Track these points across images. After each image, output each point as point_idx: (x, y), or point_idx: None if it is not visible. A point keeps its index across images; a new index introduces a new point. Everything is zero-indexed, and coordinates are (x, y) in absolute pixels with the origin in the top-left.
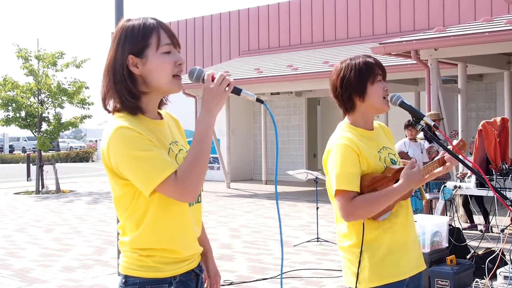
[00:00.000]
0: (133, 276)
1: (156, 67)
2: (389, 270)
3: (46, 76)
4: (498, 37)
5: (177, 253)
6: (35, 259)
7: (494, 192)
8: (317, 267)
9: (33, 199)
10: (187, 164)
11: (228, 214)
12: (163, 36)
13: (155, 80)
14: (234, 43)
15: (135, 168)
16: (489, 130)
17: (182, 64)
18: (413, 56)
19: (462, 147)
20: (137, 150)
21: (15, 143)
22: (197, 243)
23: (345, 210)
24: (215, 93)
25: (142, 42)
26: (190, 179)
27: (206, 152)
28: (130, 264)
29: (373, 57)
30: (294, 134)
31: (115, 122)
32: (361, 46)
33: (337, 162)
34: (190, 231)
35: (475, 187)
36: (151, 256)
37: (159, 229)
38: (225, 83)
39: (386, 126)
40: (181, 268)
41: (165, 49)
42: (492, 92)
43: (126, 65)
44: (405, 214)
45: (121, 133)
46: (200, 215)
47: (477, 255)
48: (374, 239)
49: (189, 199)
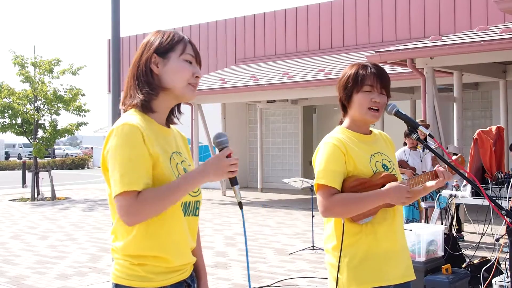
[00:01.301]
0: (123, 285)
1: (175, 70)
2: (368, 275)
3: (42, 83)
4: (493, 46)
5: (169, 262)
6: (30, 266)
7: (489, 202)
8: (312, 276)
9: (28, 206)
10: (154, 194)
11: (223, 222)
12: (189, 48)
13: (171, 82)
14: (230, 50)
15: (116, 164)
16: (484, 139)
17: (199, 78)
18: (409, 64)
19: (460, 163)
20: (129, 149)
21: (11, 150)
22: (190, 253)
23: (323, 205)
24: (220, 169)
25: (169, 44)
26: (146, 208)
27: (177, 197)
28: (121, 273)
29: (375, 67)
30: (289, 142)
31: (125, 117)
32: (357, 54)
33: (322, 159)
34: (183, 240)
35: (471, 196)
36: (143, 265)
37: (152, 234)
38: (231, 168)
39: (387, 135)
40: (172, 279)
41: (188, 58)
42: (487, 100)
43: (149, 62)
44: (391, 222)
45: (124, 128)
46: (196, 228)
47: (473, 264)
48: (354, 243)
49: (129, 223)
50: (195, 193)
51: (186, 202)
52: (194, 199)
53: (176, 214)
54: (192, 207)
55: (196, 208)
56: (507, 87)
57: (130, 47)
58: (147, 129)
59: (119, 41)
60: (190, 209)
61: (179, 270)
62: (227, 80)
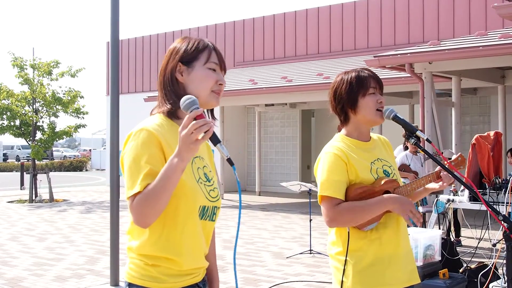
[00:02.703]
0: (136, 285)
1: (199, 78)
2: (373, 280)
3: (41, 85)
4: (492, 51)
5: (182, 265)
6: (27, 268)
7: (487, 207)
8: (310, 279)
9: (26, 207)
10: (147, 194)
11: (221, 225)
12: (213, 56)
13: (195, 90)
14: (229, 54)
15: (127, 170)
16: (482, 144)
17: (223, 85)
18: (408, 69)
19: (460, 162)
20: (140, 154)
21: (9, 152)
22: (203, 257)
23: (328, 215)
24: (184, 141)
25: (193, 53)
26: (144, 209)
27: (168, 191)
28: (135, 272)
29: (369, 70)
30: (288, 146)
31: (146, 121)
32: (356, 58)
33: (324, 169)
34: (197, 244)
35: (468, 201)
36: (156, 266)
37: (166, 236)
38: (197, 133)
39: (386, 139)
40: (184, 282)
41: (212, 66)
42: (486, 106)
43: (174, 70)
44: (395, 226)
45: (140, 133)
46: (211, 233)
47: (470, 269)
48: (359, 248)
49: (140, 225)
50: (214, 198)
51: (205, 207)
52: (212, 204)
53: (192, 217)
54: (209, 212)
55: (213, 214)
56: (506, 92)
57: (129, 49)
58: (169, 133)
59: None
60: (207, 214)
61: (191, 274)
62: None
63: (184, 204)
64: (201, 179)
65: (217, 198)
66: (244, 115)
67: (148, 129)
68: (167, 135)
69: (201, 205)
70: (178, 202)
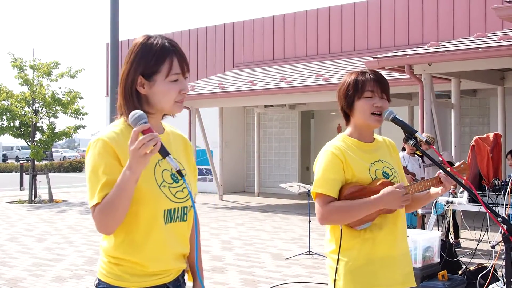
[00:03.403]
0: (102, 281)
1: (162, 93)
2: (365, 280)
3: (41, 85)
4: (491, 53)
5: (145, 266)
6: (26, 269)
7: (486, 209)
8: (309, 281)
9: (25, 208)
10: (105, 205)
11: (220, 226)
12: (175, 65)
13: (158, 103)
14: (228, 55)
15: (87, 181)
16: (482, 146)
17: (186, 92)
18: (407, 70)
19: (463, 170)
20: (96, 166)
21: (9, 152)
22: (175, 260)
23: (320, 213)
24: (133, 155)
25: (154, 67)
26: (104, 219)
27: (124, 202)
28: (102, 269)
29: (374, 73)
30: (287, 147)
31: (104, 131)
32: (355, 60)
33: (320, 167)
34: (165, 248)
35: (468, 202)
36: (119, 265)
37: (129, 240)
38: (144, 148)
39: (392, 141)
40: (149, 282)
41: (174, 78)
42: (485, 107)
43: (135, 84)
44: (392, 228)
45: (96, 144)
46: (186, 233)
47: (469, 271)
48: (351, 247)
49: (103, 233)
50: (181, 199)
51: (171, 209)
52: (180, 205)
53: (155, 222)
54: (178, 213)
55: (184, 214)
56: (505, 94)
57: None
58: (126, 141)
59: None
60: (175, 215)
61: (158, 275)
62: (225, 85)
63: (144, 209)
64: (165, 182)
65: (186, 198)
66: (243, 116)
67: (103, 139)
68: (125, 142)
69: (165, 209)
70: (138, 208)
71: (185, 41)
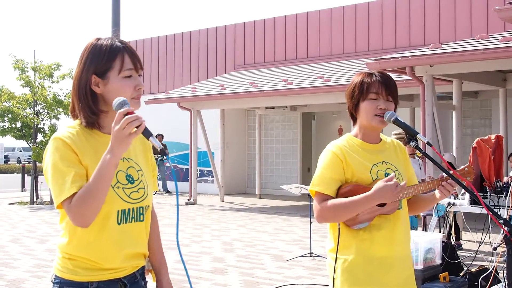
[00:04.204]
0: (57, 276)
1: (117, 89)
2: (361, 278)
3: (42, 87)
4: (493, 54)
5: (97, 263)
6: (28, 270)
7: (487, 210)
8: (310, 282)
9: (27, 209)
10: (82, 195)
11: (221, 227)
12: (127, 61)
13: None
14: (230, 56)
15: (50, 178)
16: (483, 148)
17: (141, 88)
18: (408, 72)
19: (467, 173)
20: (58, 161)
21: (10, 154)
22: (127, 259)
23: (317, 210)
24: (116, 136)
25: (106, 64)
26: (81, 209)
27: (103, 189)
28: (58, 265)
29: (380, 75)
30: (288, 149)
31: (57, 132)
32: (357, 61)
33: (319, 166)
34: (112, 248)
35: (469, 204)
36: (72, 260)
37: (79, 239)
38: (129, 128)
39: (400, 143)
40: (100, 276)
41: (127, 73)
42: (487, 109)
43: (89, 83)
44: (392, 229)
45: (54, 143)
46: (142, 233)
47: (471, 273)
48: (348, 246)
49: (79, 225)
50: (136, 200)
51: (125, 210)
52: (135, 206)
53: (106, 222)
54: (134, 213)
55: (140, 214)
56: (507, 95)
57: None
58: (84, 141)
59: None
60: (131, 216)
61: (110, 269)
62: (226, 86)
63: None
64: (119, 183)
65: (142, 198)
66: (245, 118)
67: (59, 137)
68: (81, 142)
69: (118, 209)
70: None
71: (187, 42)
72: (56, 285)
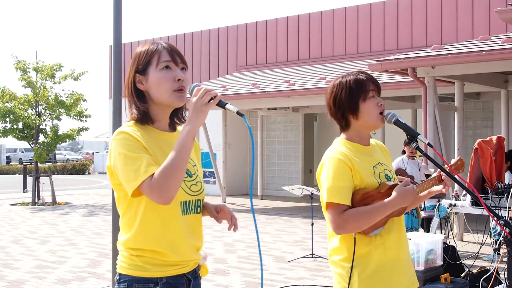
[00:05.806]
0: (124, 274)
1: (156, 82)
2: (380, 285)
3: (44, 88)
4: (495, 56)
5: (165, 255)
6: (30, 271)
7: (488, 212)
8: (311, 283)
9: (29, 210)
10: (163, 170)
11: (223, 228)
12: (164, 54)
13: (157, 94)
14: (232, 58)
15: (122, 167)
16: (485, 149)
17: (182, 79)
18: (410, 73)
19: (460, 166)
20: (128, 151)
21: (12, 154)
22: (191, 251)
23: (336, 223)
24: (195, 106)
25: (145, 60)
26: (164, 184)
27: (184, 160)
28: (123, 263)
29: (366, 73)
30: (290, 150)
31: (120, 128)
32: (359, 62)
33: (329, 175)
34: (180, 238)
35: (470, 205)
36: (140, 256)
37: (147, 231)
38: (207, 96)
39: (383, 144)
40: (169, 271)
41: (164, 65)
42: (489, 110)
43: (134, 82)
44: (398, 231)
45: (120, 136)
46: (200, 226)
47: (472, 274)
48: (365, 254)
49: (163, 202)
50: (195, 192)
51: (186, 201)
52: (194, 198)
53: (173, 213)
54: (193, 206)
55: (198, 207)
56: (509, 97)
57: (132, 53)
58: (144, 135)
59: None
60: (190, 208)
61: (177, 265)
62: (228, 87)
63: None
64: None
65: (199, 192)
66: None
67: (124, 131)
68: (141, 135)
69: (181, 201)
70: None
71: (189, 43)
72: (123, 284)
